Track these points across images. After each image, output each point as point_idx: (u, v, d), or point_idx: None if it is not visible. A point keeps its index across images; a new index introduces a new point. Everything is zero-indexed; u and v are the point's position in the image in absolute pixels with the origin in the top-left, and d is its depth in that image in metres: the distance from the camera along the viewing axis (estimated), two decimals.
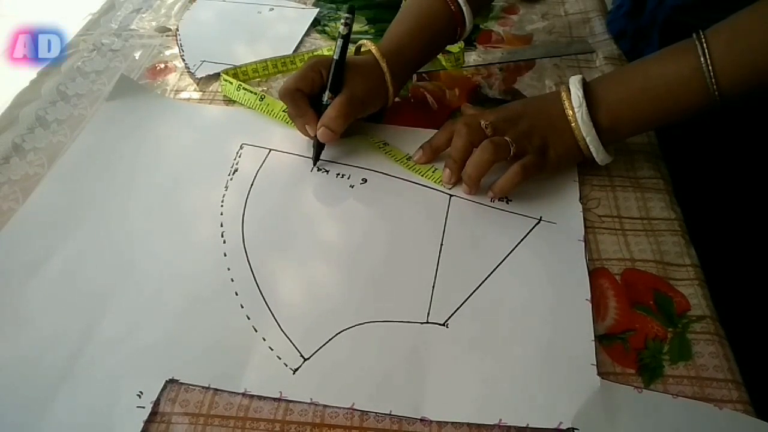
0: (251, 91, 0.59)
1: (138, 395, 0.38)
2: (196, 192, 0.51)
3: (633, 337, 0.41)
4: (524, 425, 0.36)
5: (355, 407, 0.37)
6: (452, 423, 0.37)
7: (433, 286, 0.43)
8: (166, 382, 0.38)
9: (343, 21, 0.51)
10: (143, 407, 0.37)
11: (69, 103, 0.61)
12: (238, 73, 0.62)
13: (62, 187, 0.51)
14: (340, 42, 0.51)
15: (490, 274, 0.44)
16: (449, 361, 0.39)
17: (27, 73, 0.66)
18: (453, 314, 0.42)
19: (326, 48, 0.66)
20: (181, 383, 0.39)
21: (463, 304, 0.42)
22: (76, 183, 0.52)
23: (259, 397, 0.38)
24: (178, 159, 0.54)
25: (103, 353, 0.40)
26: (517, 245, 0.46)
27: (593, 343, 0.40)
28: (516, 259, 0.45)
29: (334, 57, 0.51)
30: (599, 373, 0.38)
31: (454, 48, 0.63)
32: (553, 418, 0.36)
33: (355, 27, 0.71)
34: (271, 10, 0.74)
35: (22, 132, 0.57)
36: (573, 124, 0.48)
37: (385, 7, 0.73)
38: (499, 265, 0.45)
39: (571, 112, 0.48)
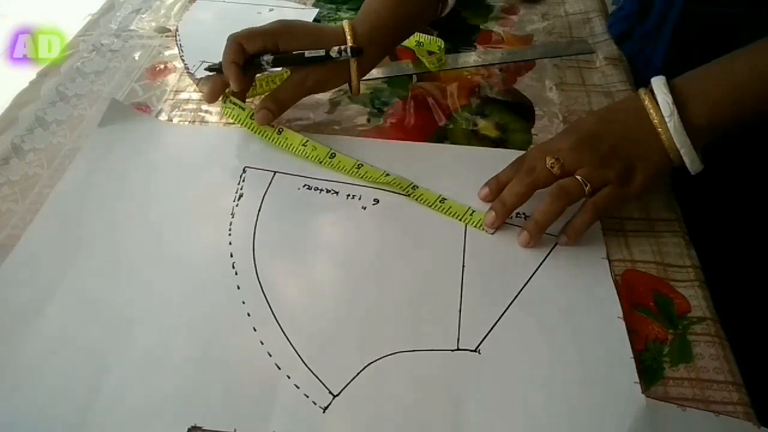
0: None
1: None
2: (202, 221, 0.48)
3: (633, 339, 0.40)
4: None
5: None
6: None
7: (460, 311, 0.41)
8: (189, 429, 0.36)
9: (339, 49, 0.50)
10: None
11: (68, 104, 0.61)
12: (228, 94, 0.55)
13: (56, 226, 0.48)
14: (321, 53, 0.50)
15: (518, 295, 0.42)
16: (485, 389, 0.38)
17: (26, 74, 0.66)
18: (484, 339, 0.40)
19: None
20: (204, 430, 0.36)
21: (493, 327, 0.41)
22: (70, 220, 0.48)
23: None
24: (179, 187, 0.51)
25: (114, 404, 0.37)
26: (540, 264, 0.44)
27: (632, 360, 0.39)
28: (541, 278, 0.43)
29: (306, 55, 0.50)
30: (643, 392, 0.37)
31: (433, 47, 0.63)
32: None
33: None
34: (271, 10, 0.74)
35: (22, 133, 0.57)
36: (663, 137, 0.43)
37: None
38: (525, 285, 0.43)
39: (657, 121, 0.43)
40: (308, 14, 0.73)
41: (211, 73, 0.56)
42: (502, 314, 0.41)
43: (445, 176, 0.51)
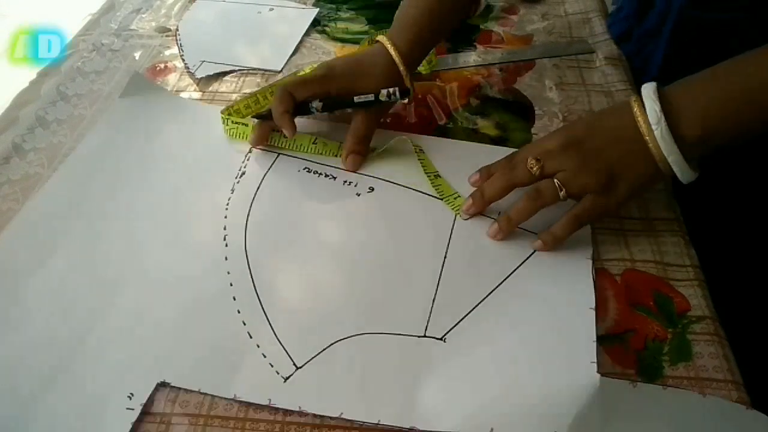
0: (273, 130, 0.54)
1: (129, 397, 0.38)
2: (203, 194, 0.51)
3: (633, 338, 0.41)
4: None
5: (343, 416, 0.37)
6: None
7: (434, 300, 0.43)
8: (158, 384, 0.38)
9: (388, 93, 0.50)
10: (133, 409, 0.37)
11: (69, 104, 0.61)
12: (231, 113, 0.56)
13: (69, 186, 0.52)
14: (371, 98, 0.50)
15: (494, 290, 0.43)
16: (444, 374, 0.39)
17: (27, 73, 0.66)
18: (451, 329, 0.41)
19: (320, 60, 0.66)
20: (172, 386, 0.38)
21: (462, 319, 0.41)
22: (83, 181, 0.52)
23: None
24: (187, 160, 0.54)
25: (98, 353, 0.40)
26: (523, 262, 0.45)
27: (594, 343, 0.39)
28: (521, 275, 0.44)
29: (355, 100, 0.50)
30: (599, 372, 0.38)
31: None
32: (548, 428, 0.35)
33: (355, 27, 0.71)
34: (271, 10, 0.74)
35: (22, 132, 0.57)
36: (651, 145, 0.41)
37: (385, 7, 0.73)
38: (503, 281, 0.44)
39: (644, 129, 0.41)
40: (308, 14, 0.73)
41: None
42: (474, 307, 0.42)
43: (448, 166, 0.52)
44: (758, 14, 0.55)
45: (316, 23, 0.72)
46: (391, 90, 0.50)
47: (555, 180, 0.43)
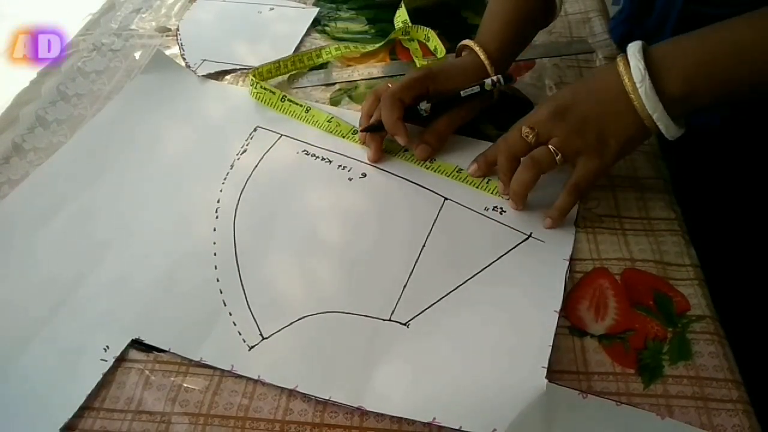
0: (297, 103, 0.58)
1: (104, 349, 0.40)
2: (203, 168, 0.53)
3: (633, 337, 0.41)
4: (457, 427, 0.36)
5: (297, 389, 0.38)
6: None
7: (404, 286, 0.43)
8: (132, 341, 0.41)
9: (493, 81, 0.51)
10: (106, 360, 0.40)
11: (69, 103, 0.61)
12: (255, 74, 0.61)
13: (85, 149, 0.55)
14: (477, 89, 0.51)
15: (465, 282, 0.44)
16: (400, 359, 0.40)
17: (27, 73, 0.66)
18: (417, 316, 0.42)
19: (334, 46, 0.66)
20: (144, 343, 0.41)
21: (429, 307, 0.42)
22: (97, 146, 0.55)
23: (259, 397, 0.38)
24: (194, 135, 0.57)
25: (82, 307, 0.43)
26: (499, 258, 0.45)
27: (549, 348, 0.39)
28: (495, 270, 0.44)
29: (462, 93, 0.51)
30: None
31: (439, 54, 0.63)
32: (489, 424, 0.35)
33: (355, 27, 0.71)
34: (272, 9, 0.74)
35: (22, 132, 0.57)
36: (636, 103, 0.42)
37: (386, 7, 0.73)
38: (476, 274, 0.44)
39: (630, 87, 0.42)
40: (308, 14, 0.73)
41: None
42: (443, 297, 0.43)
43: (457, 158, 0.53)
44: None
45: (316, 23, 0.72)
46: (494, 78, 0.51)
47: (550, 146, 0.45)
